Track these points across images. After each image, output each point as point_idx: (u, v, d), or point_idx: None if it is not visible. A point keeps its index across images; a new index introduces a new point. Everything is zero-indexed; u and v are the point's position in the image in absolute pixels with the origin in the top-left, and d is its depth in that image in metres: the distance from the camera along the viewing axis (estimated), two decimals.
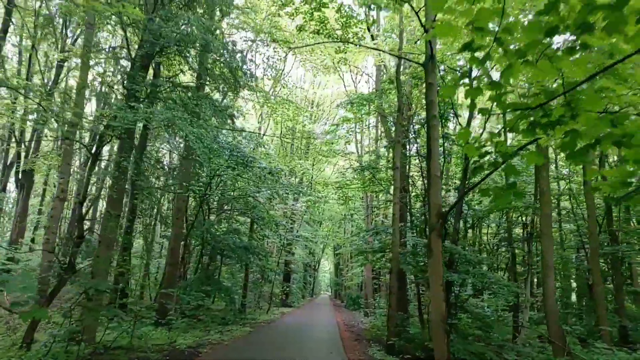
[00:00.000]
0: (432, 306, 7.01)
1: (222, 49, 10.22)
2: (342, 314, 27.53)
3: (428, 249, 7.24)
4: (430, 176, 7.38)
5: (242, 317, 18.55)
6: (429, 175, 7.42)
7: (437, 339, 6.75)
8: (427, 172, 7.45)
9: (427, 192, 7.45)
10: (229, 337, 11.95)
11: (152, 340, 10.44)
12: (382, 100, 15.30)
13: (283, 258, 31.74)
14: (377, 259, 16.08)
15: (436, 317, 6.81)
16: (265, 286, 25.31)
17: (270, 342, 11.63)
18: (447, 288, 11.76)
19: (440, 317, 6.77)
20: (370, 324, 19.61)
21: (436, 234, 7.11)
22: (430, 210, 7.28)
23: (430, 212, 7.27)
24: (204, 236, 16.92)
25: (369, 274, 25.47)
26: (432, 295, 7.11)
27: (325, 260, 67.79)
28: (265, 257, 18.86)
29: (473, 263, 11.13)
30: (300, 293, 41.42)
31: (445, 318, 6.82)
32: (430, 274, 7.09)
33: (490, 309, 15.99)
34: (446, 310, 6.94)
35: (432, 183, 7.35)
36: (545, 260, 11.03)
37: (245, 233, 21.08)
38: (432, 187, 7.35)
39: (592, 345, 11.30)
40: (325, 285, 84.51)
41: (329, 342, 12.27)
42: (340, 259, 46.94)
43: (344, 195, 19.19)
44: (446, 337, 6.78)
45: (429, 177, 7.41)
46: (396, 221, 11.72)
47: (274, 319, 19.47)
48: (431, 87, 7.67)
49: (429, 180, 7.41)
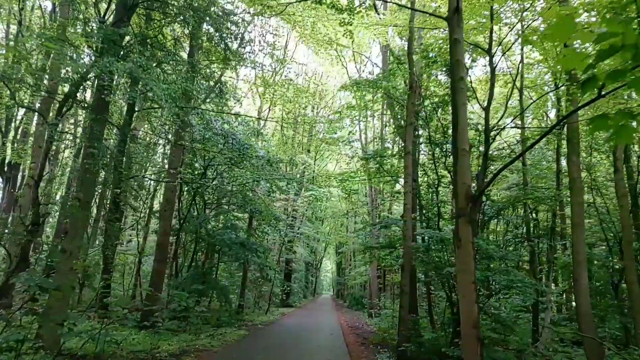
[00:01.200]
0: (461, 309, 5.71)
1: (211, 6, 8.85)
2: (345, 314, 26.25)
3: (455, 239, 5.93)
4: (457, 150, 6.07)
5: (238, 318, 17.29)
6: (455, 150, 6.11)
7: (469, 349, 5.45)
8: (453, 145, 6.15)
9: (453, 169, 6.14)
10: (220, 342, 10.67)
11: (132, 346, 9.17)
12: (389, 83, 13.99)
13: (284, 256, 30.50)
14: (385, 256, 14.77)
15: (467, 322, 5.51)
16: (265, 285, 24.03)
17: (266, 349, 10.35)
18: None
19: (472, 323, 5.47)
20: (376, 326, 18.32)
21: (465, 221, 5.80)
22: (458, 191, 5.97)
23: (458, 194, 5.96)
24: (197, 231, 15.66)
25: (374, 272, 24.22)
26: (461, 296, 5.80)
27: (327, 260, 66.72)
28: (264, 254, 17.56)
29: (495, 258, 9.82)
30: (302, 292, 40.15)
31: (477, 324, 5.51)
32: (459, 270, 5.78)
33: (506, 309, 14.67)
34: (478, 313, 5.63)
35: (459, 159, 6.04)
36: (577, 254, 9.73)
37: (243, 229, 19.82)
38: (459, 163, 6.04)
39: (631, 351, 10.03)
40: (327, 285, 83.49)
41: (332, 349, 10.98)
42: (343, 257, 45.78)
43: (347, 188, 17.86)
44: (479, 346, 5.48)
45: (455, 152, 6.10)
46: (408, 212, 10.43)
47: (272, 321, 18.20)
48: (457, 44, 6.36)
49: (455, 155, 6.10)
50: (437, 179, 13.25)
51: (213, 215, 19.12)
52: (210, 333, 11.96)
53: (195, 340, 10.54)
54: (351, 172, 18.02)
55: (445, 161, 13.20)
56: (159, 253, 12.37)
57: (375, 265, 24.09)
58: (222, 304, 16.01)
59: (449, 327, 12.27)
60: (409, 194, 10.52)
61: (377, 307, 21.47)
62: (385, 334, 14.83)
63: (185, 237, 17.97)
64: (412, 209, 10.98)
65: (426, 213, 13.87)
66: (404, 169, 11.00)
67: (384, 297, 22.44)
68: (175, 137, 12.93)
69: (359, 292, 34.74)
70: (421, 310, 14.80)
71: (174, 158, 12.85)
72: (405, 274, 10.15)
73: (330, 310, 29.87)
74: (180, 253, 20.30)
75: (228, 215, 19.91)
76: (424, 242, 12.69)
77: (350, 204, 26.07)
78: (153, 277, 12.34)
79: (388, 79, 13.79)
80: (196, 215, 16.64)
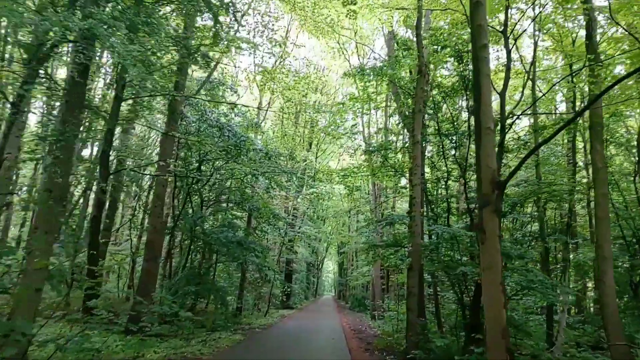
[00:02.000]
0: (487, 315, 4.83)
1: None
2: (347, 316, 25.36)
3: (478, 233, 5.07)
4: (480, 129, 5.21)
5: (236, 321, 16.42)
6: (478, 128, 5.25)
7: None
8: (476, 124, 5.29)
9: (476, 152, 5.28)
10: (211, 348, 9.79)
11: (114, 354, 8.33)
12: (395, 71, 13.12)
13: (284, 256, 29.61)
14: (390, 255, 13.89)
15: (494, 331, 4.64)
16: (264, 287, 23.14)
17: (261, 356, 9.50)
18: (478, 288, 9.60)
19: (500, 331, 4.60)
20: (380, 329, 17.44)
21: (491, 210, 4.93)
22: (481, 177, 5.11)
23: (481, 179, 5.10)
24: (192, 230, 14.80)
25: (377, 272, 23.33)
26: (486, 299, 4.93)
27: (329, 261, 65.87)
28: (263, 254, 16.68)
29: (513, 257, 8.94)
30: (303, 294, 39.24)
31: (507, 332, 4.64)
32: (484, 268, 4.91)
33: (519, 311, 13.78)
34: (506, 319, 4.75)
35: (483, 138, 5.18)
36: (602, 250, 8.85)
37: (241, 228, 18.96)
38: (482, 144, 5.19)
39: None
40: (329, 286, 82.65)
41: (333, 355, 10.10)
42: (345, 258, 44.92)
43: (350, 184, 16.97)
44: (509, 358, 4.61)
45: (478, 131, 5.24)
46: (417, 206, 9.56)
47: (271, 323, 17.33)
48: (478, 7, 5.50)
49: (477, 135, 5.25)
50: (447, 172, 12.39)
51: (210, 213, 18.29)
52: (203, 338, 11.09)
53: (184, 347, 9.68)
54: (354, 167, 17.11)
55: (455, 153, 12.35)
56: (149, 252, 11.51)
57: (378, 265, 23.20)
58: (217, 307, 15.14)
59: (459, 331, 11.43)
60: (418, 187, 9.66)
61: (380, 309, 20.59)
62: (390, 338, 13.95)
63: (182, 236, 17.13)
64: (420, 204, 10.10)
65: (434, 209, 13.01)
66: (412, 160, 10.14)
67: (387, 298, 21.54)
68: (167, 128, 12.09)
69: (361, 293, 33.86)
70: (427, 313, 13.93)
71: (165, 150, 11.99)
72: (413, 273, 9.28)
73: (331, 311, 28.99)
74: (174, 253, 19.50)
75: (227, 213, 19.08)
76: (432, 240, 11.84)
77: (352, 201, 25.17)
78: (142, 278, 11.49)
79: (394, 65, 12.91)
80: (191, 213, 15.79)
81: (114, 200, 15.63)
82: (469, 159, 12.43)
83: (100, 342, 8.88)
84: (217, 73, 16.43)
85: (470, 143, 12.38)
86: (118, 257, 18.58)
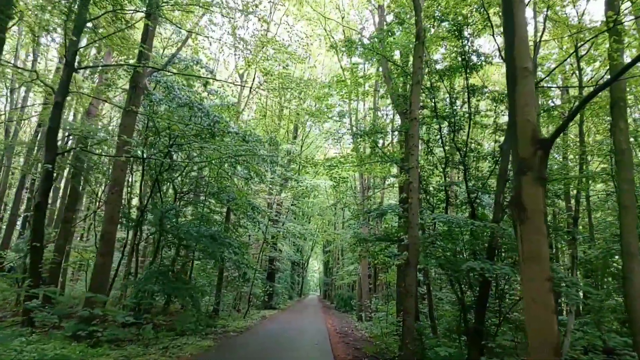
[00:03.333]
0: (530, 323, 3.46)
1: None
2: (333, 317, 24.00)
3: (514, 210, 3.71)
4: (515, 70, 3.86)
5: (210, 323, 14.88)
6: (512, 70, 3.90)
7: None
8: (509, 65, 3.94)
9: (509, 101, 3.92)
10: (172, 358, 8.29)
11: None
12: (386, 44, 11.79)
13: (266, 254, 28.05)
14: (379, 251, 12.53)
15: (542, 345, 3.28)
16: (245, 286, 21.58)
17: None
18: (485, 287, 8.30)
19: (552, 347, 3.24)
20: (368, 331, 16.10)
21: (533, 178, 3.58)
22: (518, 133, 3.75)
23: (518, 137, 3.74)
24: (160, 223, 13.22)
25: (365, 271, 22.05)
26: (528, 300, 3.55)
27: (314, 260, 64.53)
28: (240, 249, 15.15)
29: None
30: (287, 293, 37.69)
31: (559, 348, 3.29)
32: (525, 258, 3.54)
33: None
34: (558, 332, 3.39)
35: (519, 83, 3.83)
36: (628, 245, 7.62)
37: (218, 222, 17.40)
38: (518, 90, 3.83)
39: None
40: (315, 285, 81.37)
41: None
42: (330, 256, 43.63)
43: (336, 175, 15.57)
44: None
45: (512, 73, 3.88)
46: (414, 192, 8.21)
47: (249, 326, 15.83)
48: None
49: (512, 79, 3.89)
50: (445, 158, 11.09)
51: (183, 206, 16.70)
52: (165, 344, 9.57)
53: (140, 356, 8.17)
54: (340, 157, 15.74)
55: (453, 137, 11.06)
56: (104, 245, 9.94)
57: (365, 263, 21.93)
58: (187, 308, 13.60)
59: (459, 336, 10.15)
60: (414, 170, 8.30)
61: (367, 309, 19.28)
62: (378, 341, 12.63)
63: (149, 230, 15.51)
64: (417, 190, 8.74)
65: (429, 199, 11.70)
66: (408, 138, 8.79)
67: (375, 298, 20.22)
68: (128, 104, 10.52)
69: (347, 293, 32.56)
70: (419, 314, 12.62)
71: (125, 128, 10.42)
72: (410, 270, 7.92)
73: (316, 312, 27.57)
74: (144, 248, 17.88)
75: (204, 207, 17.53)
76: (430, 232, 10.52)
77: (339, 194, 23.79)
78: (95, 276, 9.91)
79: (386, 39, 11.56)
80: (160, 204, 14.20)
81: (74, 189, 13.95)
82: (469, 144, 11.20)
83: (37, 350, 7.40)
84: (190, 50, 14.90)
85: (471, 127, 11.13)
86: (87, 255, 16.91)
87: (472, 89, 10.90)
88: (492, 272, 6.90)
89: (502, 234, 7.60)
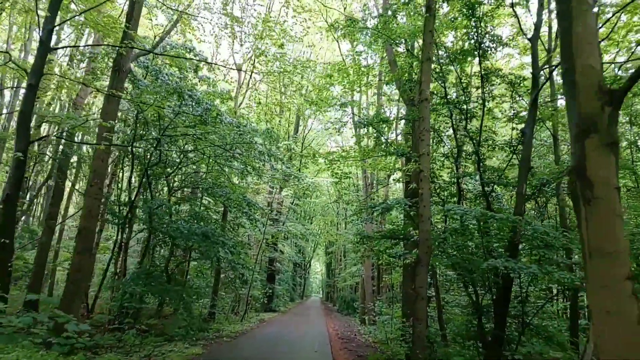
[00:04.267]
0: (604, 347, 2.51)
1: None
2: (335, 320, 23.03)
3: (578, 188, 2.75)
4: (572, 3, 2.91)
5: (204, 327, 13.98)
6: (566, 3, 2.95)
7: None
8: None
9: (561, 44, 2.99)
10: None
11: None
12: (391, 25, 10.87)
13: (266, 255, 27.12)
14: (385, 249, 11.57)
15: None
16: (242, 288, 20.65)
17: None
18: (506, 289, 7.34)
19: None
20: (372, 335, 15.15)
21: (601, 142, 2.64)
22: (578, 82, 2.80)
23: (579, 88, 2.79)
24: (149, 219, 12.33)
25: (368, 272, 21.08)
26: (601, 314, 2.59)
27: (316, 262, 63.59)
28: (236, 249, 14.22)
29: (556, 247, 6.68)
30: (288, 295, 36.73)
31: None
32: (592, 250, 2.59)
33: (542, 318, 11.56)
34: None
35: (577, 19, 2.88)
36: None
37: (214, 220, 16.48)
38: (575, 29, 2.89)
39: None
40: (317, 287, 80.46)
41: None
42: (333, 258, 42.67)
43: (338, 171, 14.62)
44: None
45: (567, 6, 2.94)
46: (425, 181, 7.26)
47: (245, 330, 14.90)
48: None
49: (565, 14, 2.95)
50: (457, 148, 10.15)
51: (177, 202, 15.79)
52: (148, 352, 8.65)
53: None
54: (343, 151, 14.83)
55: (465, 125, 10.12)
56: (81, 242, 9.03)
57: (369, 264, 20.99)
58: (177, 311, 12.69)
59: (474, 342, 9.20)
60: (426, 157, 7.36)
61: (371, 312, 18.32)
62: (384, 348, 11.69)
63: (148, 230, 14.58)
64: (428, 179, 7.78)
65: (439, 192, 10.76)
66: (419, 123, 7.84)
67: (379, 300, 19.25)
68: (110, 88, 9.62)
69: (350, 295, 31.58)
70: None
71: (106, 115, 9.52)
72: (421, 269, 6.97)
73: (318, 315, 26.61)
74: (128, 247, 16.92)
75: (200, 204, 16.63)
76: (444, 227, 9.59)
77: (341, 191, 22.85)
78: (71, 276, 8.99)
79: (391, 21, 10.63)
80: (149, 199, 13.29)
81: (57, 184, 13.09)
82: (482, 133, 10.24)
83: None
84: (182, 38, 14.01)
85: (484, 114, 10.19)
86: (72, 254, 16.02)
87: (486, 74, 9.97)
88: (517, 271, 5.96)
89: (531, 228, 6.63)
